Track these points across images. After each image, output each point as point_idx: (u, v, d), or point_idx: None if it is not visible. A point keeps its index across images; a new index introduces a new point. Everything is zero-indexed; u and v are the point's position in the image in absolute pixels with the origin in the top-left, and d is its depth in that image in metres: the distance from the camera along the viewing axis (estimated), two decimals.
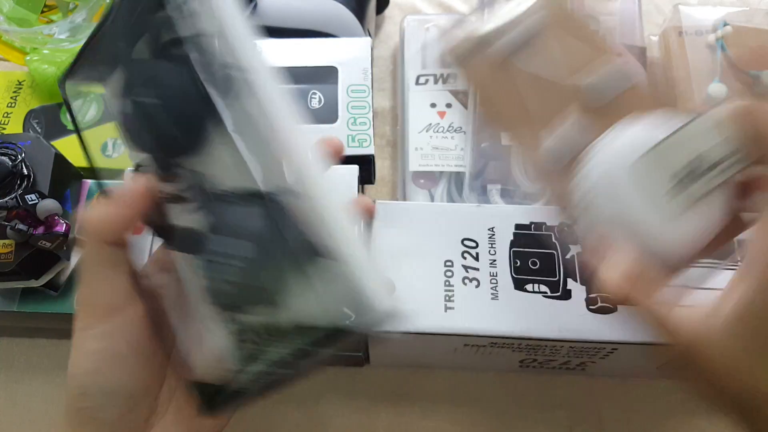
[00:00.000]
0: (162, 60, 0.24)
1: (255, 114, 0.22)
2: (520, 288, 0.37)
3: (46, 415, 0.45)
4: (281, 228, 0.22)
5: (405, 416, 0.44)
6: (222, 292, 0.24)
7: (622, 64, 0.31)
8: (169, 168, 0.25)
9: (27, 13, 0.54)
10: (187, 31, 0.23)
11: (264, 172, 0.23)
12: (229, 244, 0.23)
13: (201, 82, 0.23)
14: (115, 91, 0.25)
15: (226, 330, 0.24)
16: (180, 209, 0.25)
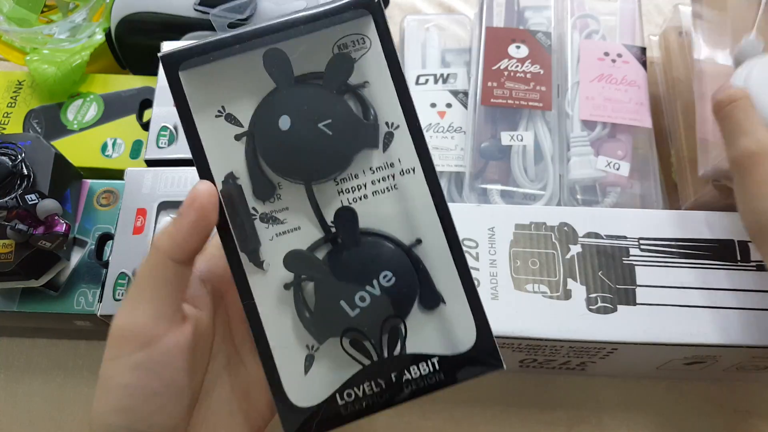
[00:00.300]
0: (335, 94, 0.25)
1: (395, 161, 0.26)
2: (520, 288, 0.37)
3: (46, 415, 0.45)
4: (417, 277, 0.26)
5: (405, 416, 0.44)
6: (338, 313, 0.25)
7: None
8: (273, 189, 0.26)
9: (27, 13, 0.54)
10: (357, 80, 0.26)
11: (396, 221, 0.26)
12: (366, 271, 0.25)
13: (366, 122, 0.26)
14: (267, 106, 0.25)
15: (321, 356, 0.25)
16: (272, 230, 0.26)
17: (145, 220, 0.41)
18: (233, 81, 0.25)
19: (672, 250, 0.38)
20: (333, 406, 0.25)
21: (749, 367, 0.40)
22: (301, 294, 0.26)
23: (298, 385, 0.25)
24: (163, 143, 0.44)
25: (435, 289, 0.26)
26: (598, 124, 0.47)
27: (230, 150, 0.25)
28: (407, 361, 0.25)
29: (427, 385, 0.25)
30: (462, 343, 0.25)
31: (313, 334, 0.26)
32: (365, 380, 0.25)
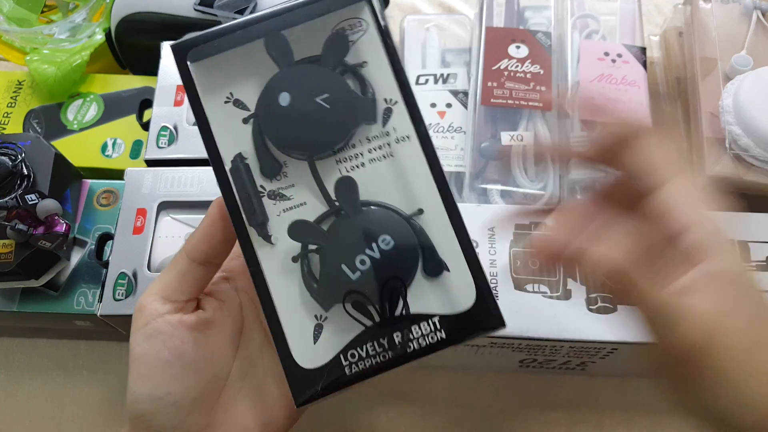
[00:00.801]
0: (332, 71, 0.27)
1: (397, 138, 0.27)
2: (520, 288, 0.37)
3: (46, 415, 0.45)
4: (420, 245, 0.26)
5: (405, 416, 0.44)
6: (340, 277, 0.26)
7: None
8: (279, 167, 0.27)
9: (27, 13, 0.54)
10: (355, 59, 0.27)
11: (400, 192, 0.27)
12: (366, 236, 0.26)
13: (364, 97, 0.27)
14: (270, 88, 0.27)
15: (330, 323, 0.26)
16: (279, 206, 0.27)
17: (145, 220, 0.41)
18: (239, 69, 0.27)
19: None
20: (338, 367, 0.26)
21: None
22: (308, 265, 0.27)
23: (307, 353, 0.26)
24: (163, 143, 0.44)
25: (438, 257, 0.26)
26: (598, 124, 0.47)
27: (239, 133, 0.27)
28: (409, 321, 0.26)
29: (429, 344, 0.26)
30: (462, 304, 0.26)
31: (320, 303, 0.27)
32: (368, 341, 0.26)
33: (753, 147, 0.39)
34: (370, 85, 0.27)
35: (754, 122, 0.39)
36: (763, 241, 0.39)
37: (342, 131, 0.27)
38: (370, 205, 0.27)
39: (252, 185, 0.27)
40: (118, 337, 0.46)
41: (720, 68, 0.44)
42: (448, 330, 0.26)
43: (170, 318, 0.27)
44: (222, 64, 0.27)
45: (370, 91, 0.27)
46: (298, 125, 0.26)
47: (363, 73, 0.27)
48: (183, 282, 0.27)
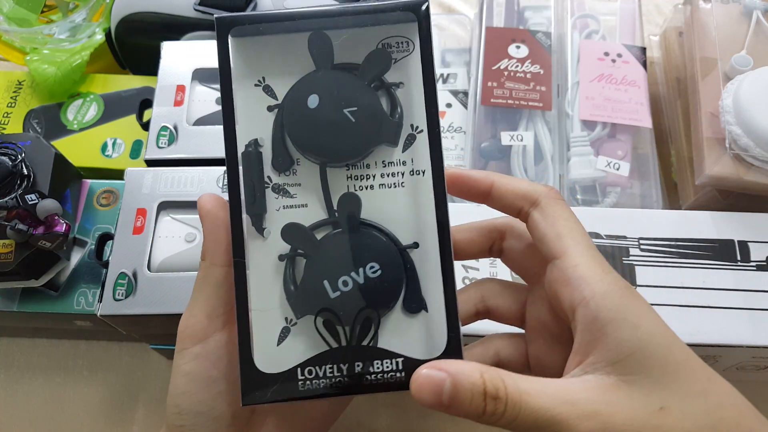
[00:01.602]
0: (367, 85, 0.27)
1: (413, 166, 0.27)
2: None
3: (46, 415, 0.45)
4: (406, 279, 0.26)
5: (405, 416, 0.44)
6: (319, 291, 0.26)
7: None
8: (290, 163, 0.27)
9: (27, 13, 0.54)
10: (393, 78, 0.27)
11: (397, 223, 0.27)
12: (356, 258, 0.26)
13: (390, 119, 0.26)
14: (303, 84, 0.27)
15: (297, 331, 0.26)
16: (280, 201, 0.27)
17: (145, 220, 0.41)
18: (277, 57, 0.27)
19: (672, 250, 0.38)
20: (292, 378, 0.25)
21: (749, 367, 0.40)
22: (293, 268, 0.26)
23: (267, 353, 0.26)
24: (163, 143, 0.44)
25: (421, 296, 0.26)
26: (598, 124, 0.47)
27: (260, 118, 0.27)
28: (373, 354, 0.26)
29: (386, 382, 0.25)
30: (431, 350, 0.26)
31: (293, 308, 0.26)
32: (328, 362, 0.25)
33: (753, 147, 0.39)
34: (401, 107, 0.27)
35: (754, 122, 0.39)
36: (763, 241, 0.39)
37: (361, 147, 0.26)
38: (369, 226, 0.26)
39: (260, 174, 0.27)
40: (118, 337, 0.46)
41: (720, 68, 0.44)
42: (409, 374, 0.25)
43: (220, 338, 0.27)
44: (261, 48, 0.27)
45: (398, 114, 0.27)
46: (320, 130, 0.26)
47: (397, 93, 0.27)
48: (222, 292, 0.27)
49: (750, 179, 0.40)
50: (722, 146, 0.41)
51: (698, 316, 0.36)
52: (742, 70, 0.43)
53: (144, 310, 0.38)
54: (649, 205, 0.45)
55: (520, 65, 0.49)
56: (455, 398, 0.22)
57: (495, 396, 0.22)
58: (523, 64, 0.49)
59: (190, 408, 0.26)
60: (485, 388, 0.22)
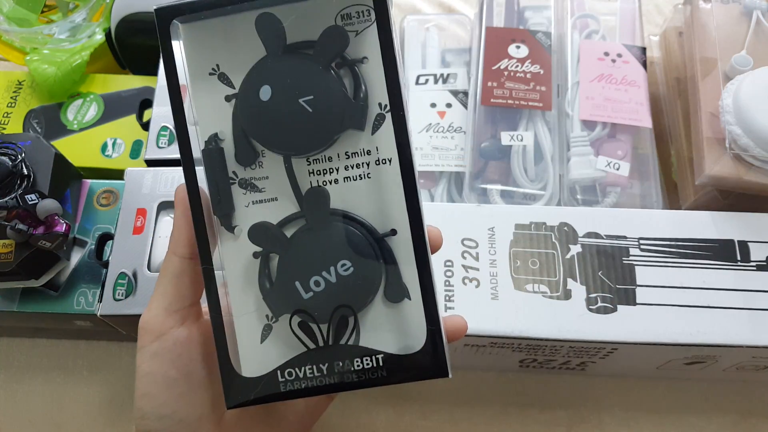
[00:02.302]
0: (321, 67, 0.25)
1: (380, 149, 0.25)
2: (520, 288, 0.37)
3: (46, 415, 0.45)
4: (386, 266, 0.25)
5: (405, 416, 0.44)
6: (292, 292, 0.25)
7: None
8: (255, 156, 0.25)
9: (27, 13, 0.54)
10: (356, 54, 0.25)
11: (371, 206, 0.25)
12: (326, 256, 0.25)
13: (353, 102, 0.25)
14: (255, 73, 0.25)
15: (278, 330, 0.26)
16: (249, 197, 0.26)
17: (145, 220, 0.41)
18: (231, 41, 0.25)
19: (672, 250, 0.38)
20: (273, 381, 0.25)
21: (749, 367, 0.40)
22: (267, 265, 0.26)
23: (252, 354, 0.26)
24: (163, 143, 0.44)
25: (402, 283, 0.25)
26: (598, 124, 0.47)
27: (219, 110, 0.25)
28: (352, 353, 0.25)
29: (367, 379, 0.25)
30: (412, 344, 0.25)
31: (270, 307, 0.26)
32: (307, 363, 0.25)
33: (753, 147, 0.39)
34: (365, 85, 0.25)
35: (754, 122, 0.39)
36: (763, 241, 0.39)
37: (323, 137, 0.25)
38: (344, 216, 0.25)
39: (223, 171, 0.25)
40: (118, 337, 0.46)
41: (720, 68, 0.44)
42: (390, 370, 0.25)
43: (178, 335, 0.26)
44: (213, 32, 0.25)
45: (362, 94, 0.25)
46: (276, 123, 0.25)
47: (360, 70, 0.25)
48: (180, 285, 0.26)
49: (750, 179, 0.40)
50: (722, 146, 0.41)
51: (698, 316, 0.36)
52: (742, 70, 0.43)
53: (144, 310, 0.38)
54: (649, 205, 0.45)
55: (520, 65, 0.49)
56: None
57: None
58: (523, 64, 0.49)
59: (151, 411, 0.26)
60: None
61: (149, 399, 0.26)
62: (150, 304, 0.27)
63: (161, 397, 0.26)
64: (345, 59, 0.25)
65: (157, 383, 0.26)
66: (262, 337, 0.26)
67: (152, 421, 0.26)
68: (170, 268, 0.26)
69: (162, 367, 0.26)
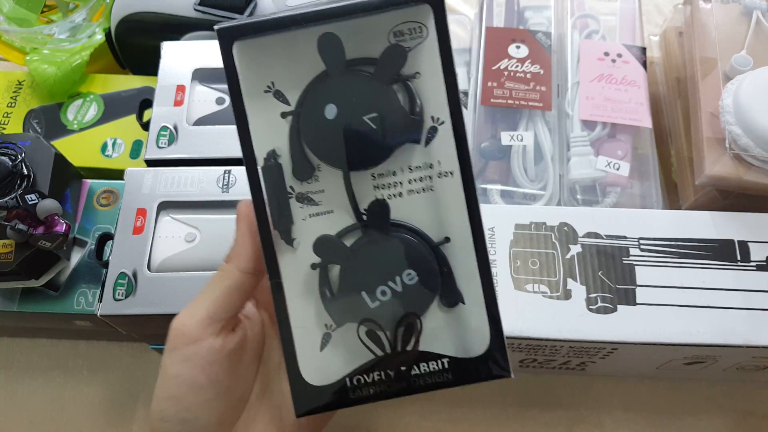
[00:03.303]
0: (385, 87, 0.25)
1: (435, 161, 0.26)
2: (520, 288, 0.37)
3: (46, 415, 0.45)
4: (440, 274, 0.26)
5: (405, 416, 0.44)
6: (358, 302, 0.26)
7: None
8: (311, 171, 0.26)
9: (27, 13, 0.54)
10: (408, 69, 0.25)
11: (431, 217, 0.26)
12: (391, 267, 0.26)
13: (412, 117, 0.26)
14: (315, 90, 0.26)
15: (337, 338, 0.26)
16: (306, 210, 0.26)
17: (145, 220, 0.41)
18: (285, 58, 0.25)
19: (672, 250, 0.38)
20: (342, 388, 0.26)
21: (749, 367, 0.40)
22: (327, 276, 0.26)
23: (312, 363, 0.26)
24: (163, 143, 0.44)
25: (456, 289, 0.26)
26: (598, 124, 0.47)
27: (275, 127, 0.26)
28: (418, 358, 0.26)
29: (434, 383, 0.26)
30: (474, 346, 0.26)
31: (332, 316, 0.26)
32: (375, 369, 0.26)
33: (753, 147, 0.39)
34: (419, 99, 0.26)
35: (754, 122, 0.39)
36: (763, 241, 0.39)
37: (384, 152, 0.26)
38: (400, 226, 0.26)
39: (282, 186, 0.26)
40: (118, 337, 0.46)
41: (720, 68, 0.44)
42: (456, 373, 0.26)
43: (214, 343, 0.26)
44: (267, 50, 0.25)
45: (418, 107, 0.26)
46: (341, 140, 0.26)
47: (413, 85, 0.26)
48: (234, 298, 0.27)
49: (750, 179, 0.40)
50: (722, 146, 0.41)
51: (698, 316, 0.36)
52: (742, 70, 0.43)
53: (144, 310, 0.38)
54: (649, 205, 0.45)
55: (520, 65, 0.49)
56: None
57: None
58: (523, 64, 0.49)
59: (174, 415, 0.26)
60: None
61: (174, 402, 0.26)
62: (192, 309, 0.27)
63: (186, 401, 0.26)
64: (399, 75, 0.26)
65: (184, 387, 0.26)
66: (321, 345, 0.26)
67: (173, 424, 0.26)
68: (228, 280, 0.27)
69: (192, 372, 0.26)
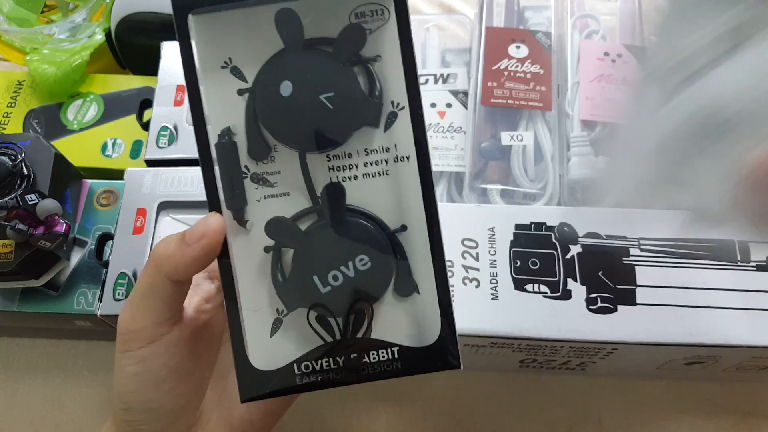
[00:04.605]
0: (343, 66, 0.25)
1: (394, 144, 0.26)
2: (520, 288, 0.37)
3: (46, 415, 0.45)
4: (396, 261, 0.26)
5: (405, 416, 0.44)
6: (310, 287, 0.25)
7: None
8: (268, 151, 0.25)
9: (27, 13, 0.54)
10: (369, 52, 0.25)
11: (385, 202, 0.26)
12: (344, 252, 0.25)
13: (370, 100, 0.25)
14: (272, 67, 0.25)
15: (288, 323, 0.26)
16: (261, 191, 0.26)
17: (145, 220, 0.41)
18: (244, 34, 0.25)
19: (672, 250, 0.38)
20: (289, 374, 0.25)
21: (749, 367, 0.40)
22: (280, 259, 0.26)
23: (262, 347, 0.26)
24: (163, 143, 0.44)
25: (411, 278, 0.26)
26: (598, 124, 0.47)
27: (231, 104, 0.25)
28: (368, 346, 0.26)
29: (383, 371, 0.25)
30: (425, 336, 0.26)
31: (284, 301, 0.26)
32: (324, 356, 0.25)
33: None
34: (379, 83, 0.25)
35: None
36: (763, 241, 0.39)
37: (341, 133, 0.25)
38: (356, 212, 0.26)
39: (236, 165, 0.25)
40: None
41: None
42: (405, 362, 0.25)
43: (170, 339, 0.26)
44: (225, 25, 0.25)
45: (377, 91, 0.25)
46: (296, 119, 0.25)
47: (374, 68, 0.25)
48: (173, 301, 0.26)
49: None
50: None
51: (698, 316, 0.36)
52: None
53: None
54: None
55: (520, 65, 0.49)
56: None
57: None
58: (523, 64, 0.49)
59: (139, 406, 0.26)
60: None
61: (137, 395, 0.26)
62: (136, 313, 0.26)
63: (150, 394, 0.26)
64: (360, 57, 0.25)
65: (146, 382, 0.26)
66: (272, 330, 0.26)
67: (138, 413, 0.26)
68: (162, 290, 0.26)
69: (153, 368, 0.26)
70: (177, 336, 0.26)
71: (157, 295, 0.26)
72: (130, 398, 0.26)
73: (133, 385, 0.26)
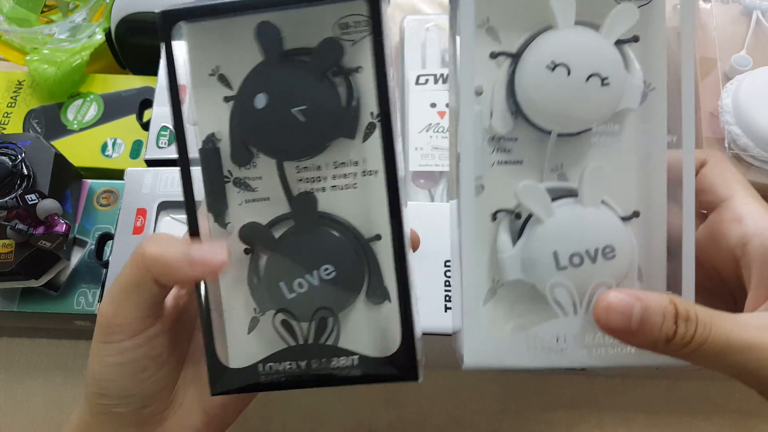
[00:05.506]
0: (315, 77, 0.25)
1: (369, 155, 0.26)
2: None
3: (46, 415, 0.45)
4: (368, 268, 0.26)
5: (405, 416, 0.44)
6: (276, 292, 0.26)
7: None
8: (249, 157, 0.26)
9: (27, 13, 0.54)
10: (351, 63, 0.25)
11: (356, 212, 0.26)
12: (310, 260, 0.26)
13: (345, 110, 0.25)
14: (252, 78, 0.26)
15: (263, 323, 0.27)
16: (242, 195, 0.26)
17: (145, 220, 0.41)
18: (231, 43, 0.25)
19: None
20: (253, 373, 0.26)
21: None
22: (257, 262, 0.27)
23: (237, 344, 0.27)
24: (163, 143, 0.44)
25: (383, 286, 0.26)
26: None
27: (218, 110, 0.26)
28: (330, 352, 0.26)
29: (342, 378, 0.26)
30: (387, 347, 0.26)
31: (257, 302, 0.27)
32: (287, 359, 0.26)
33: (752, 147, 0.39)
34: (358, 94, 0.25)
35: (754, 122, 0.39)
36: None
37: (313, 144, 0.26)
38: (332, 220, 0.26)
39: (218, 170, 0.26)
40: None
41: (719, 68, 0.44)
42: (365, 370, 0.26)
43: (152, 331, 0.27)
44: (215, 34, 0.25)
45: (354, 102, 0.25)
46: (270, 130, 0.25)
47: (355, 79, 0.25)
48: (154, 300, 0.26)
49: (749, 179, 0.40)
50: (721, 146, 0.41)
51: None
52: (742, 70, 0.43)
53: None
54: None
55: None
56: (645, 322, 0.22)
57: (686, 317, 0.22)
58: None
59: (116, 393, 0.26)
60: (677, 310, 0.22)
61: (115, 383, 0.26)
62: (119, 308, 0.26)
63: (128, 382, 0.26)
64: (341, 68, 0.25)
65: (125, 372, 0.26)
66: (249, 328, 0.27)
67: (114, 399, 0.27)
68: (148, 290, 0.26)
69: (134, 358, 0.26)
70: (159, 328, 0.27)
71: (142, 293, 0.26)
72: (108, 385, 0.26)
73: (113, 375, 0.26)
